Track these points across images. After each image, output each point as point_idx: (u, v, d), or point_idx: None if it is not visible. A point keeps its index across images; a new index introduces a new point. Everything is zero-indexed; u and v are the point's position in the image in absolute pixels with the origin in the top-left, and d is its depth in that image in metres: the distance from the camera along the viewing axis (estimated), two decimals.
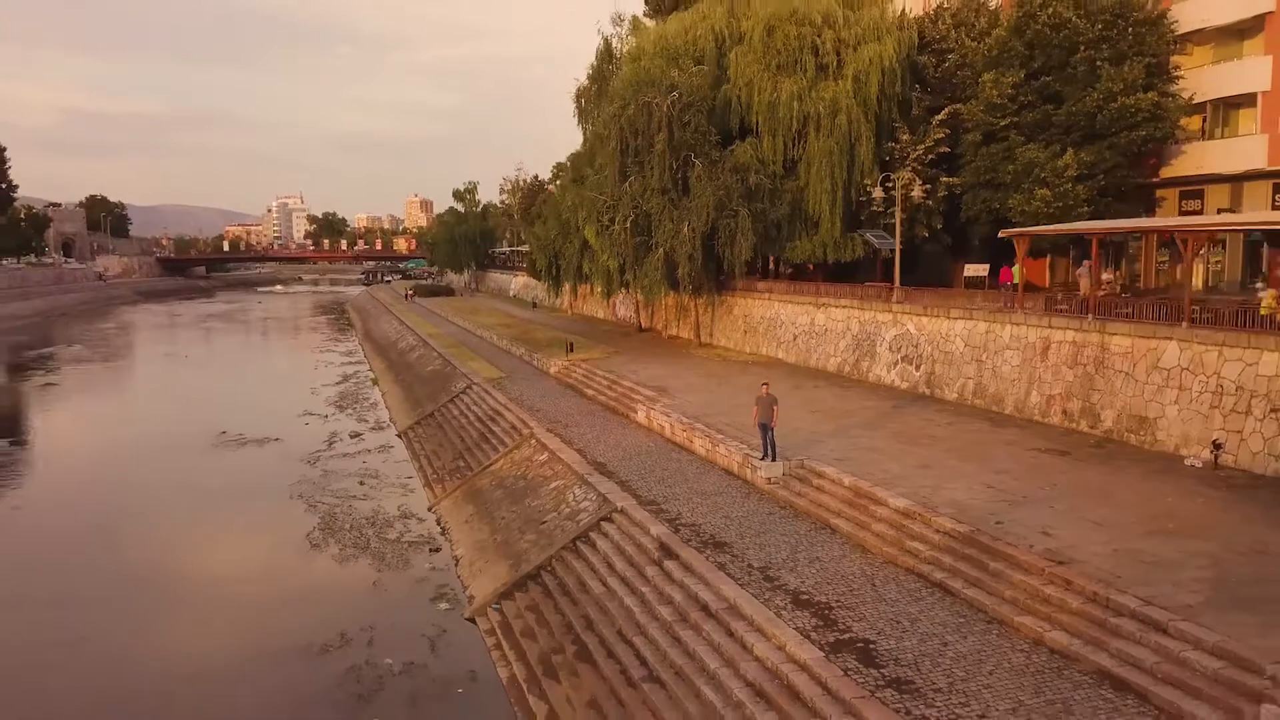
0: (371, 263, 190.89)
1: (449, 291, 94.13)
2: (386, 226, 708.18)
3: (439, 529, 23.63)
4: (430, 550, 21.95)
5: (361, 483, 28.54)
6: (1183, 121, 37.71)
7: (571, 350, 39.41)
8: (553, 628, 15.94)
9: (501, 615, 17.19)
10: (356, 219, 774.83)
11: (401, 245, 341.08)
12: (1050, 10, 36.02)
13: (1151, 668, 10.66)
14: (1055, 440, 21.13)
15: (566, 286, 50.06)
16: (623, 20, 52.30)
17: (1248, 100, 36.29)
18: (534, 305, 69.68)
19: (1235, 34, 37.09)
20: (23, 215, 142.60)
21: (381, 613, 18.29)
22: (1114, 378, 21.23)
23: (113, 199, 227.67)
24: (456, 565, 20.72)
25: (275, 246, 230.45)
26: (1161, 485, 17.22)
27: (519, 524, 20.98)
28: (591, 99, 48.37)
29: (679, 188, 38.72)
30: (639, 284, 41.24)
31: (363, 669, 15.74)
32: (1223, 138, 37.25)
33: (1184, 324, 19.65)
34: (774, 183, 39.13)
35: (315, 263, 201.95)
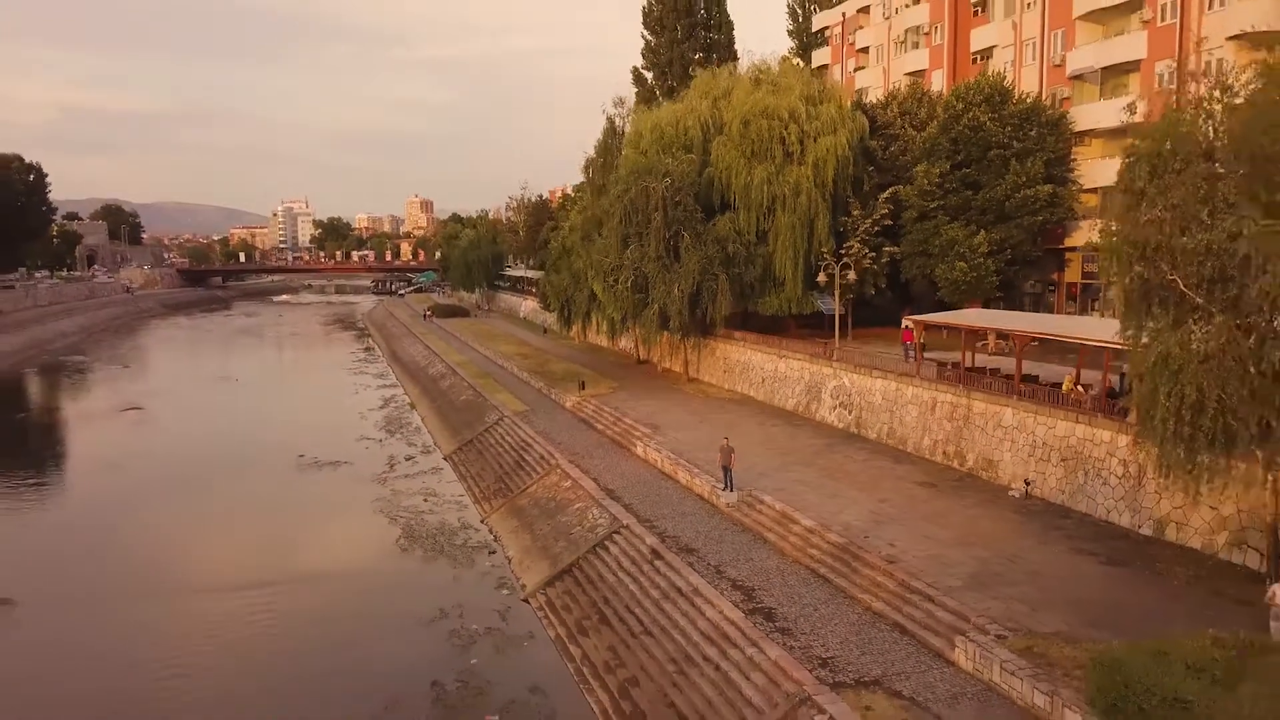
0: (380, 273, 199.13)
1: (464, 312, 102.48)
2: (387, 229, 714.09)
3: (491, 537, 32.32)
4: (489, 553, 30.65)
5: (425, 500, 37.22)
6: (1084, 198, 46.60)
7: (583, 388, 48.02)
8: (582, 604, 24.63)
9: (546, 597, 25.89)
10: (358, 219, 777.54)
11: (405, 250, 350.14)
12: (970, 115, 44.70)
13: (919, 620, 19.36)
14: (934, 475, 29.83)
15: (577, 324, 58.75)
16: (623, 102, 61.35)
17: None
18: (545, 331, 78.13)
19: (1120, 134, 45.70)
20: (55, 233, 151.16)
21: (463, 596, 26.92)
22: (975, 430, 29.93)
23: (112, 196, 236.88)
24: (510, 564, 29.41)
25: (290, 258, 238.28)
26: (984, 511, 25.91)
27: (553, 535, 29.68)
28: (598, 169, 57.19)
29: (671, 255, 47.25)
30: (639, 329, 50.06)
31: (460, 631, 24.40)
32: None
33: (1015, 397, 28.36)
34: (748, 250, 47.73)
35: (325, 273, 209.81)
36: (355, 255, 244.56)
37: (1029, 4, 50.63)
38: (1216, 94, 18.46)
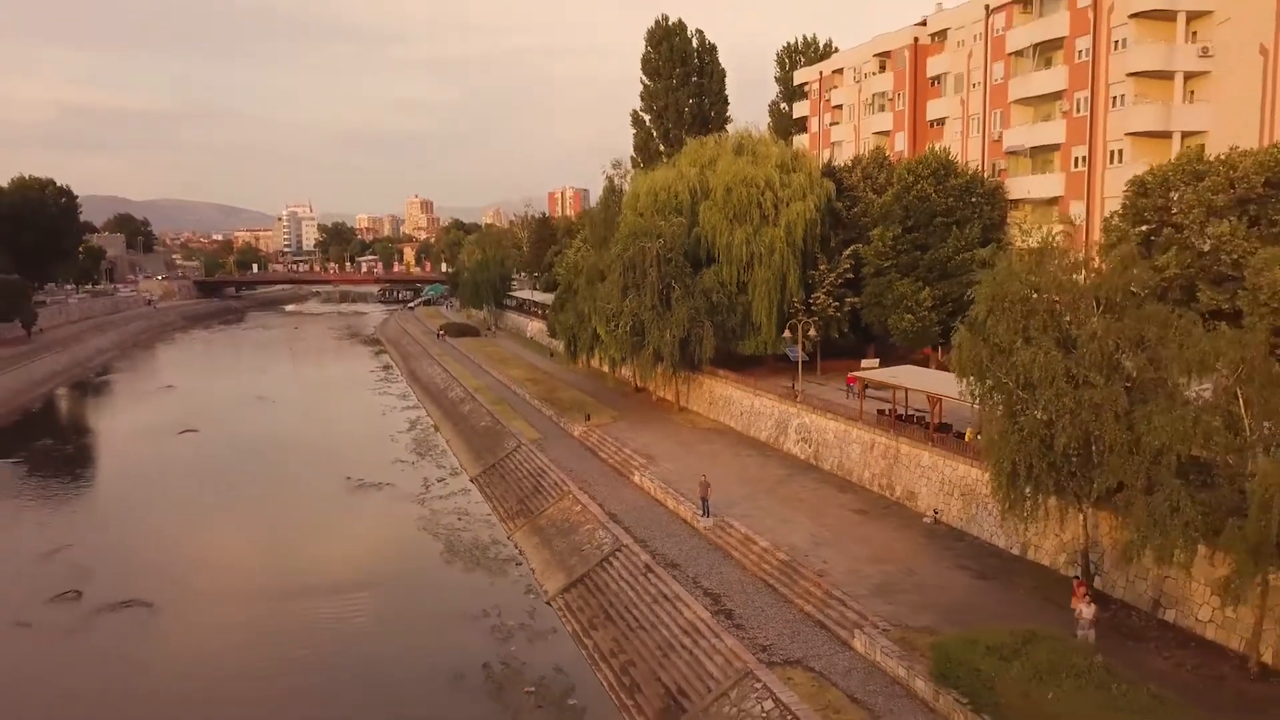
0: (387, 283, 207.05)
1: (475, 331, 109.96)
2: (388, 229, 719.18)
3: (517, 551, 40.14)
4: (516, 565, 38.48)
5: (459, 519, 45.03)
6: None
7: (588, 419, 55.80)
8: (592, 606, 32.46)
9: (564, 600, 33.73)
10: (358, 219, 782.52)
11: (409, 254, 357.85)
12: (919, 187, 52.47)
13: (834, 619, 27.20)
14: (868, 503, 37.64)
15: (582, 356, 66.60)
16: (620, 164, 69.44)
17: None
18: (551, 355, 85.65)
19: (1048, 202, 53.65)
20: (82, 250, 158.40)
21: (499, 599, 34.70)
22: (902, 467, 37.76)
23: (110, 194, 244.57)
24: (534, 574, 37.24)
25: (299, 268, 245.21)
26: (901, 534, 33.72)
27: (568, 551, 37.52)
28: (600, 222, 65.12)
29: (664, 304, 54.96)
30: (636, 365, 57.89)
31: (500, 626, 32.21)
32: None
33: (930, 444, 36.22)
34: (730, 299, 55.51)
35: (333, 284, 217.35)
36: (364, 266, 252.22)
37: (974, 84, 58.47)
38: (1035, 256, 26.15)
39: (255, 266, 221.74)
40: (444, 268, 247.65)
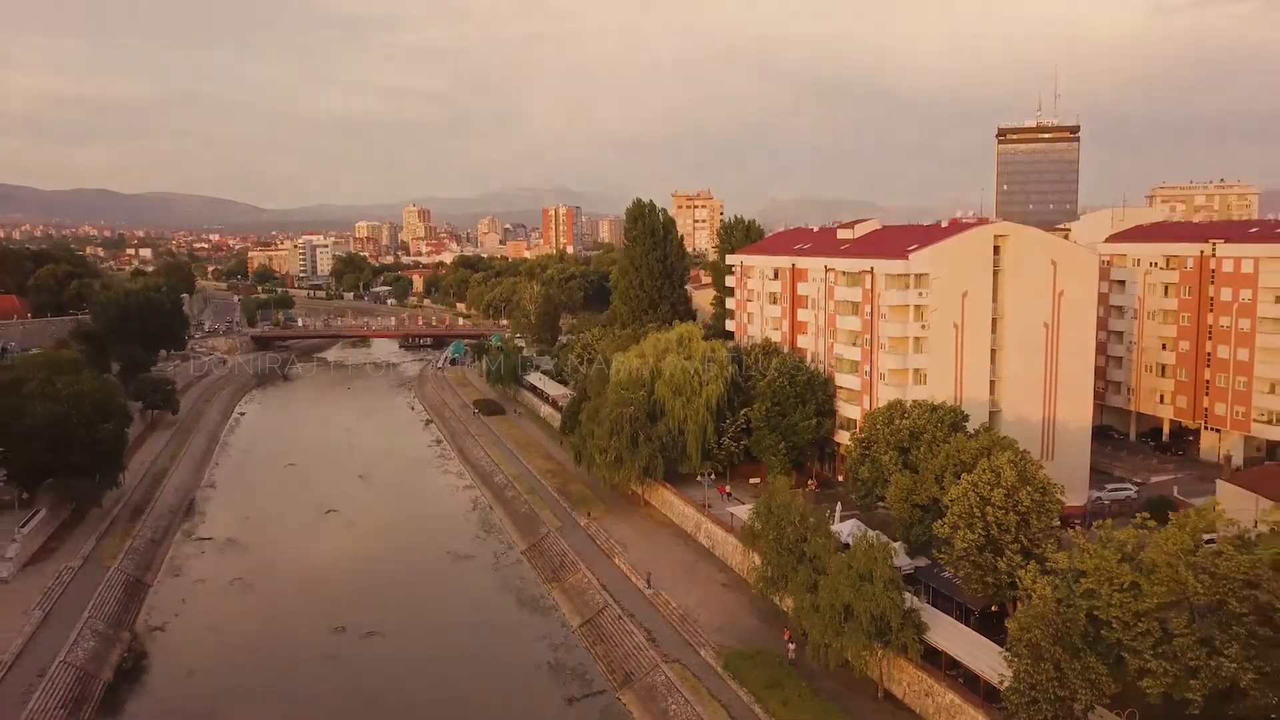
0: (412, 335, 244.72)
1: (501, 409, 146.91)
2: (386, 239, 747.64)
3: (554, 603, 77.92)
4: (554, 611, 76.23)
5: (520, 581, 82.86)
6: (841, 418, 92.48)
7: (590, 515, 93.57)
8: (596, 634, 70.34)
9: (582, 631, 71.64)
10: (357, 227, 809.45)
11: (418, 282, 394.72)
12: (779, 381, 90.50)
13: (696, 642, 65.07)
14: (732, 580, 75.36)
15: (585, 463, 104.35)
16: (609, 325, 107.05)
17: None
18: (561, 443, 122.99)
19: (856, 393, 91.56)
20: None
21: (548, 630, 72.50)
22: (748, 561, 75.60)
23: (99, 187, 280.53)
24: (565, 616, 75.03)
25: (325, 318, 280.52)
26: (740, 599, 71.48)
27: (582, 604, 75.43)
28: (594, 380, 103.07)
29: (634, 445, 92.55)
30: (617, 476, 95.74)
31: (551, 644, 69.98)
32: (849, 430, 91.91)
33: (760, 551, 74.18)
34: (674, 440, 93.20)
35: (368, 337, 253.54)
36: (395, 320, 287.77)
37: (821, 308, 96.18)
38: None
39: (300, 320, 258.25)
40: (456, 304, 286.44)
